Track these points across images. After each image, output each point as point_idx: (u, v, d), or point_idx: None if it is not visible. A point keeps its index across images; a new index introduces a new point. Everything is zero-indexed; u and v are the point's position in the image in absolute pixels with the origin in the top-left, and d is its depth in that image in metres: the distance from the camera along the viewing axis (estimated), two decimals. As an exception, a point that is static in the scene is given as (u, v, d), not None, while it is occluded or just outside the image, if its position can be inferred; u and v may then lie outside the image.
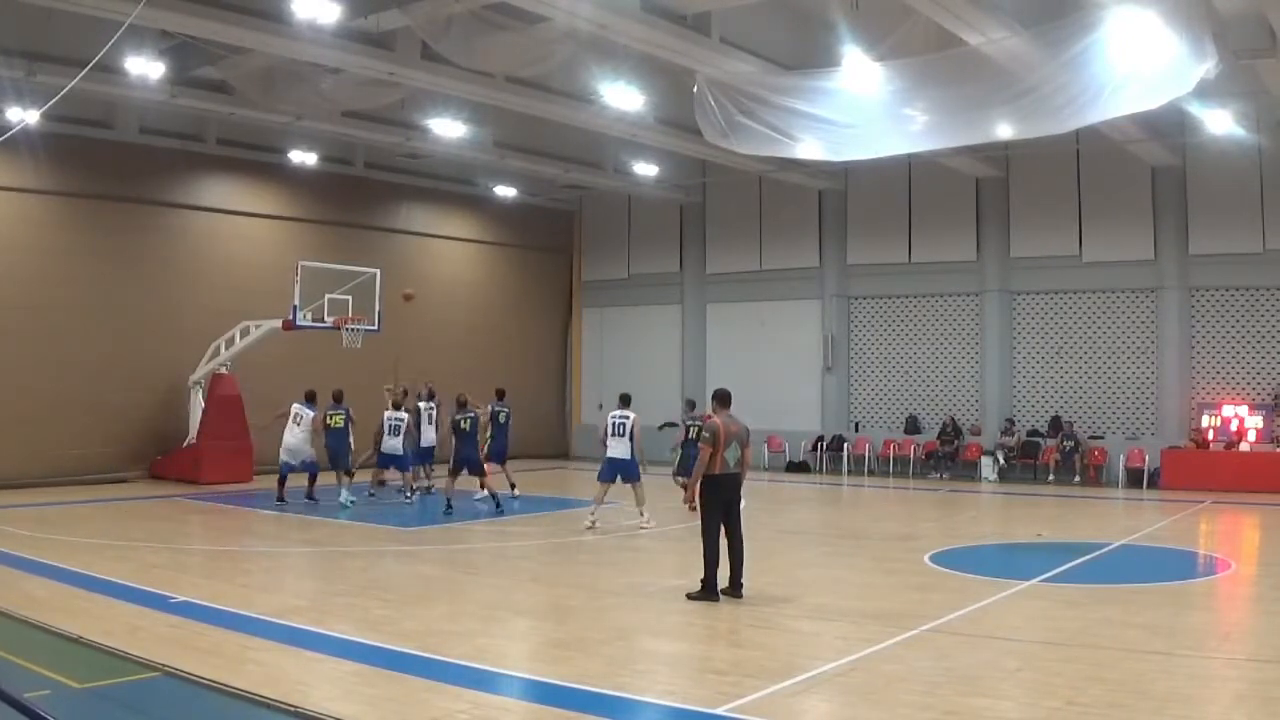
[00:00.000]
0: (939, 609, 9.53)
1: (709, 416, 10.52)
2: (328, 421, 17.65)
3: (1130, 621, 9.03)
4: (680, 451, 16.57)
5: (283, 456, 17.64)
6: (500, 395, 18.52)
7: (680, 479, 16.25)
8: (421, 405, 18.94)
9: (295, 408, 17.63)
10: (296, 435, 17.57)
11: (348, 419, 17.84)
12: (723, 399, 10.62)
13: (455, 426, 16.63)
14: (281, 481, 17.52)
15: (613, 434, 15.23)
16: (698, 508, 10.22)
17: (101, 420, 20.60)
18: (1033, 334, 23.66)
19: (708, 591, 10.02)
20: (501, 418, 18.16)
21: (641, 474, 15.30)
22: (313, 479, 17.64)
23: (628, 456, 15.13)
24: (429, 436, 18.91)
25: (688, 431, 16.37)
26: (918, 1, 13.15)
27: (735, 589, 10.08)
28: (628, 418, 15.34)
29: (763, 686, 7.12)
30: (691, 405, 18.11)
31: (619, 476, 15.19)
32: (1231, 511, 17.57)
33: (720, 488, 10.12)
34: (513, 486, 18.09)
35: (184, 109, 19.63)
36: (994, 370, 23.76)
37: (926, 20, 13.77)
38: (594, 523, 14.87)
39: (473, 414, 16.86)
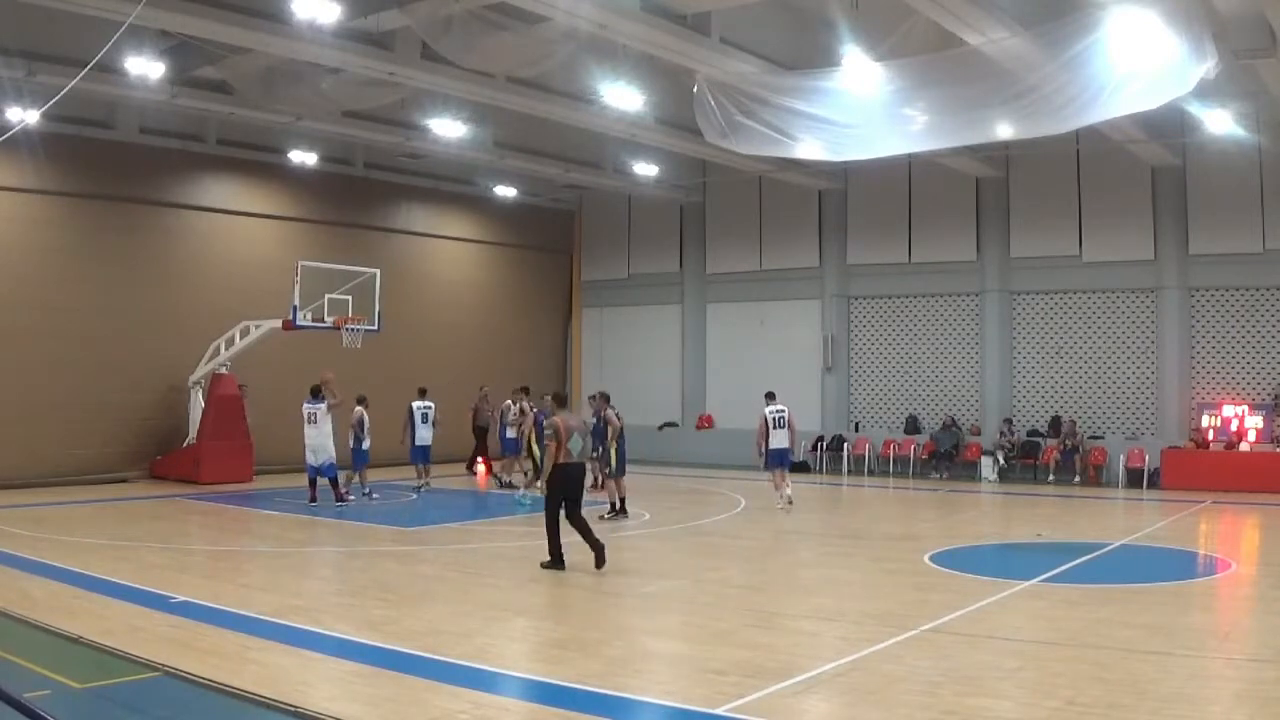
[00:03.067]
0: (939, 609, 9.53)
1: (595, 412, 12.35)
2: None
3: (1130, 621, 9.02)
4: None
5: (307, 458, 17.24)
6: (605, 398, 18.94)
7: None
8: (415, 405, 19.27)
9: (307, 406, 17.32)
10: (319, 433, 17.18)
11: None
12: (560, 400, 12.39)
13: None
14: (312, 483, 17.34)
15: (775, 426, 17.10)
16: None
17: (101, 420, 20.60)
18: (1033, 334, 23.65)
19: (555, 561, 11.54)
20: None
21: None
22: (333, 481, 17.39)
23: (788, 445, 17.26)
24: (424, 435, 19.28)
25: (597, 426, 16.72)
26: (918, 1, 13.15)
27: (599, 561, 11.37)
28: (784, 410, 17.25)
29: (763, 686, 7.11)
30: (605, 398, 17.89)
31: (781, 462, 17.15)
32: (1231, 511, 17.56)
33: (567, 476, 11.55)
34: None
35: (184, 109, 19.63)
36: (994, 370, 23.75)
37: (926, 20, 13.78)
38: (785, 504, 16.93)
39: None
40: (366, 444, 17.95)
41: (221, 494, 18.89)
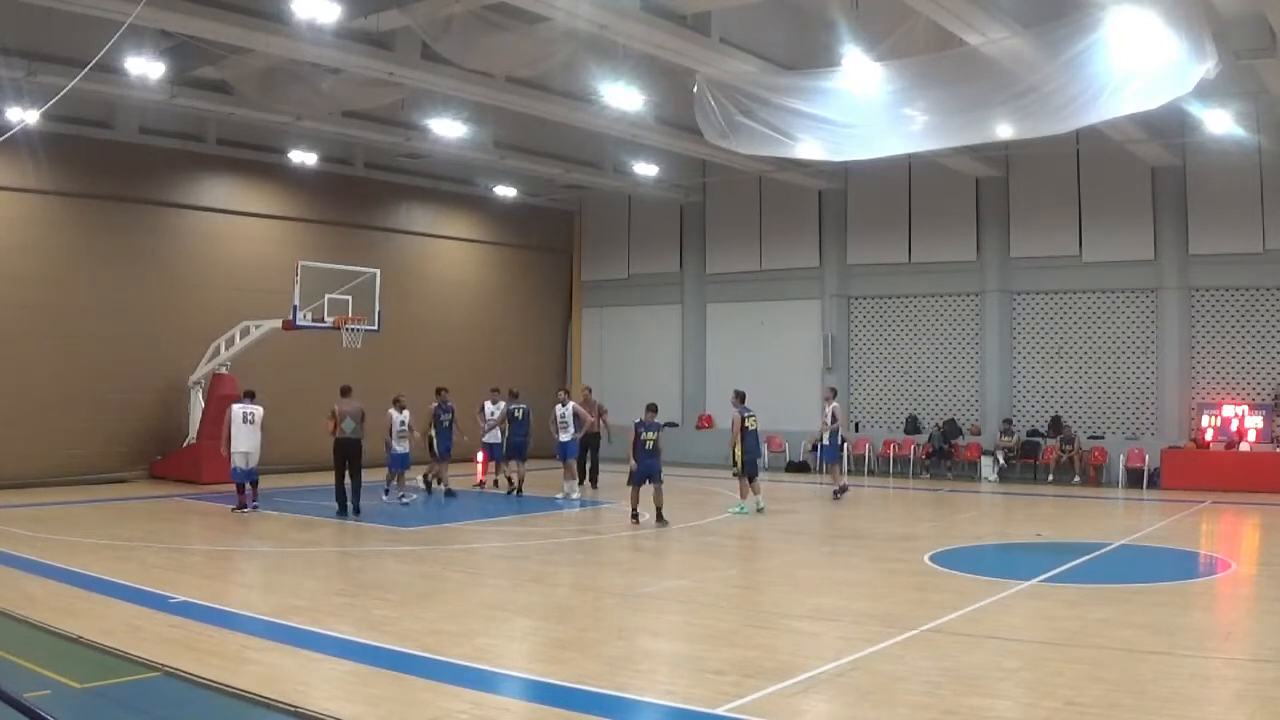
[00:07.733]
0: (939, 609, 9.53)
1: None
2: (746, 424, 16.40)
3: (1130, 621, 9.02)
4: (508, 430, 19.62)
5: (236, 461, 16.33)
6: (514, 395, 19.72)
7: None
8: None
9: (239, 408, 16.52)
10: (250, 437, 16.42)
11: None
12: (344, 391, 16.23)
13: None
14: (240, 489, 16.48)
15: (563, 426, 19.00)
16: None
17: (101, 420, 20.60)
18: (1033, 334, 23.65)
19: (342, 511, 15.89)
20: (519, 414, 19.21)
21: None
22: (254, 485, 16.67)
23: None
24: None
25: (511, 414, 19.28)
26: (918, 1, 13.15)
27: (356, 512, 15.87)
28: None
29: (763, 686, 7.12)
30: (514, 395, 19.91)
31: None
32: (1231, 511, 17.56)
33: (344, 447, 16.00)
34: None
35: (184, 109, 19.63)
36: (994, 370, 23.75)
37: (926, 20, 13.77)
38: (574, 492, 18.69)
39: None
40: (399, 448, 17.56)
41: (221, 494, 18.84)
